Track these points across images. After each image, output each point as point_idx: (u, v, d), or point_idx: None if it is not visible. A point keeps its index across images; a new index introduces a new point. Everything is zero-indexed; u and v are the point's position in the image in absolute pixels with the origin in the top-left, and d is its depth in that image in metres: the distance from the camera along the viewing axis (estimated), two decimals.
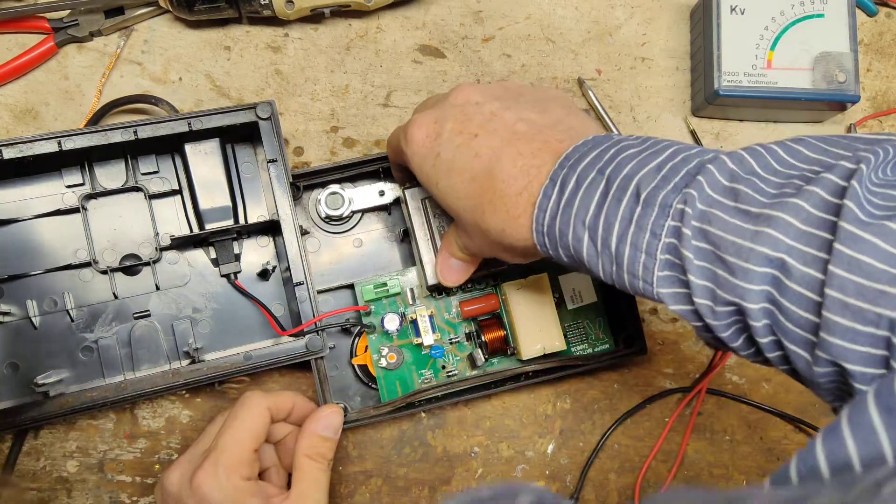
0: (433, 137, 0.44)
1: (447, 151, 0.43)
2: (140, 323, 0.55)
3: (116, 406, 0.55)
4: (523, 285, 0.54)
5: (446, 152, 0.43)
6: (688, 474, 0.58)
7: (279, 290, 0.57)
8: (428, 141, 0.44)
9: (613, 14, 0.63)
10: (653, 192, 0.36)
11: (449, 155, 0.43)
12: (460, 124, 0.43)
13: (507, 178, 0.41)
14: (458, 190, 0.43)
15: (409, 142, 0.45)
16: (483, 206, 0.42)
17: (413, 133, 0.45)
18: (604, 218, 0.37)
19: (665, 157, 0.37)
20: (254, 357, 0.51)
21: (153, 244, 0.55)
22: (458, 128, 0.43)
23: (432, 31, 0.62)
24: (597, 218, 0.37)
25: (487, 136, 0.42)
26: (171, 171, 0.56)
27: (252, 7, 0.58)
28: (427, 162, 0.44)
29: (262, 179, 0.57)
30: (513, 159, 0.41)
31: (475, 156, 0.42)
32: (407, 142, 0.45)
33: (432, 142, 0.44)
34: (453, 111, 0.44)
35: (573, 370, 0.55)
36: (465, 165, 0.43)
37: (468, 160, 0.42)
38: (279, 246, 0.55)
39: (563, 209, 0.39)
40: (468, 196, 0.43)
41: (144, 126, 0.51)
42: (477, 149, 0.42)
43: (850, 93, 0.58)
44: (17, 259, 0.54)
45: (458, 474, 0.57)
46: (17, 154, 0.50)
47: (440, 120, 0.44)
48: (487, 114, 0.43)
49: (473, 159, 0.42)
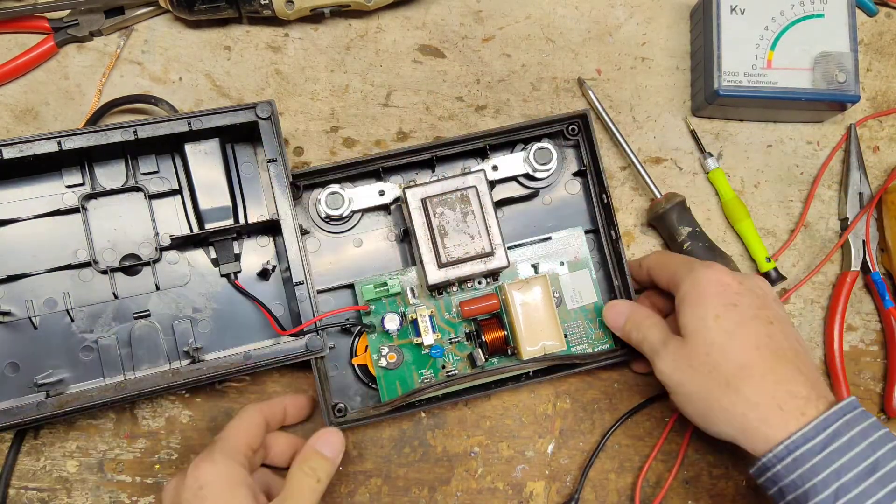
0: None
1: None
2: (140, 323, 0.55)
3: (116, 406, 0.55)
4: (523, 285, 0.54)
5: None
6: (688, 474, 0.58)
7: (279, 290, 0.57)
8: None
9: (613, 14, 0.63)
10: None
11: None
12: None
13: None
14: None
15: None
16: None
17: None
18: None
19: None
20: (254, 357, 0.51)
21: (153, 244, 0.55)
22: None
23: (432, 31, 0.62)
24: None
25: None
26: (171, 171, 0.56)
27: (252, 7, 0.58)
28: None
29: (262, 179, 0.57)
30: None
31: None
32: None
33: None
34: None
35: (573, 370, 0.55)
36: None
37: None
38: (279, 246, 0.55)
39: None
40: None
41: (144, 126, 0.51)
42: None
43: (850, 93, 0.58)
44: (16, 259, 0.54)
45: (458, 474, 0.57)
46: (17, 154, 0.50)
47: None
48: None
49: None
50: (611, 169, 0.61)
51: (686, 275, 0.49)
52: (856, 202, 0.62)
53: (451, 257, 0.52)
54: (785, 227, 0.62)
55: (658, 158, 0.62)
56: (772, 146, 0.63)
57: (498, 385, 0.55)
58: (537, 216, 0.59)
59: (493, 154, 0.58)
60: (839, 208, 0.62)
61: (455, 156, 0.58)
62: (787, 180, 0.62)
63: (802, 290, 0.61)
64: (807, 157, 0.63)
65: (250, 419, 0.50)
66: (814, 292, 0.62)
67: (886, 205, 0.60)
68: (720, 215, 0.61)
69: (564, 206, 0.59)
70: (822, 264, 0.61)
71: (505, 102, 0.62)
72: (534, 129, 0.57)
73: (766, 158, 0.62)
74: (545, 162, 0.57)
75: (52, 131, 0.52)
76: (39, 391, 0.52)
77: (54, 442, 0.56)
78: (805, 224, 0.62)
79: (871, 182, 0.62)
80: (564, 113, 0.57)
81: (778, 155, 0.63)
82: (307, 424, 0.56)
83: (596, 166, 0.57)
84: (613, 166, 0.61)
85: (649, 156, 0.62)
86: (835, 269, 0.62)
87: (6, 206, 0.54)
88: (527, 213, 0.59)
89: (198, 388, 0.56)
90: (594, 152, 0.56)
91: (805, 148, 0.63)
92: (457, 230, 0.53)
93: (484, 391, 0.55)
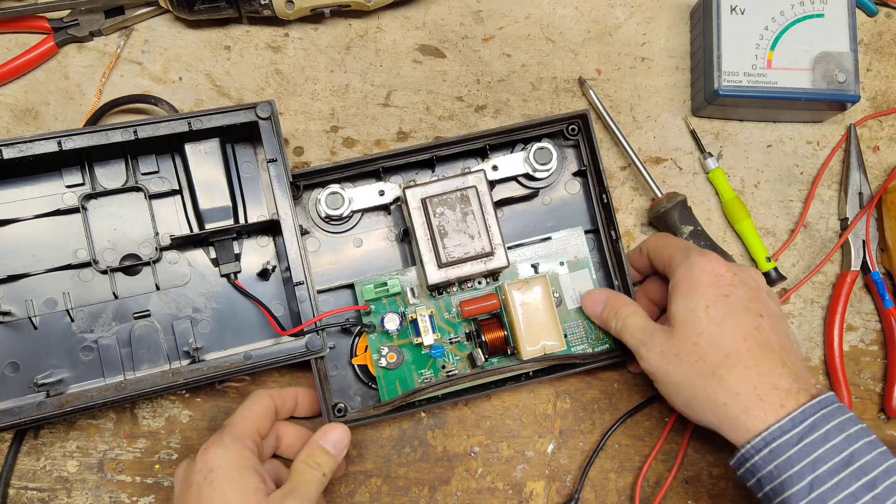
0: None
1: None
2: (140, 323, 0.55)
3: (116, 406, 0.55)
4: (523, 285, 0.54)
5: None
6: (688, 474, 0.58)
7: (279, 290, 0.57)
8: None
9: (613, 14, 0.63)
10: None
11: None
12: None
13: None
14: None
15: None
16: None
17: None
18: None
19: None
20: (254, 357, 0.51)
21: (153, 244, 0.55)
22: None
23: (432, 31, 0.62)
24: None
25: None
26: (171, 171, 0.56)
27: (252, 7, 0.58)
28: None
29: (262, 179, 0.57)
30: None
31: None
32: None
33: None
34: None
35: (573, 370, 0.55)
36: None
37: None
38: (279, 246, 0.55)
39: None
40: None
41: (144, 126, 0.51)
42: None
43: (850, 93, 0.58)
44: (16, 259, 0.54)
45: (458, 474, 0.57)
46: (17, 154, 0.50)
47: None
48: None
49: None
50: (611, 169, 0.61)
51: (681, 261, 0.50)
52: (856, 202, 0.62)
53: (451, 257, 0.52)
54: (785, 226, 0.62)
55: (658, 158, 0.62)
56: (772, 146, 0.63)
57: (498, 385, 0.55)
58: (537, 216, 0.59)
59: (493, 154, 0.58)
60: (839, 208, 0.62)
61: (455, 156, 0.58)
62: (787, 180, 0.62)
63: (802, 289, 0.61)
64: (807, 157, 0.63)
65: (260, 404, 0.50)
66: (814, 292, 0.62)
67: (886, 205, 0.60)
68: (720, 215, 0.61)
69: (564, 206, 0.59)
70: (822, 264, 0.61)
71: (505, 102, 0.62)
72: (534, 129, 0.57)
73: (765, 158, 0.62)
74: (545, 162, 0.57)
75: (53, 131, 0.52)
76: (39, 391, 0.52)
77: (54, 442, 0.56)
78: (805, 224, 0.62)
79: (871, 182, 0.62)
80: (564, 113, 0.57)
81: (778, 155, 0.63)
82: (318, 419, 0.56)
83: (596, 166, 0.57)
84: (613, 166, 0.61)
85: (649, 156, 0.62)
86: (835, 269, 0.62)
87: (6, 206, 0.54)
88: (527, 213, 0.59)
89: (198, 388, 0.56)
90: (594, 152, 0.56)
91: (805, 148, 0.63)
92: (457, 230, 0.53)
93: (484, 391, 0.55)
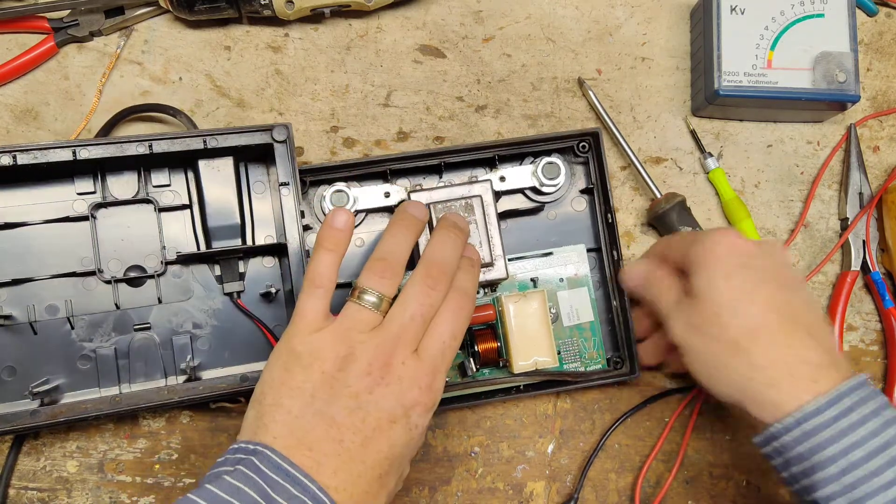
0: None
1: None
2: (139, 335, 0.55)
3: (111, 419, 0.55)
4: (520, 298, 0.54)
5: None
6: (688, 474, 0.58)
7: (281, 313, 0.56)
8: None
9: (613, 14, 0.63)
10: None
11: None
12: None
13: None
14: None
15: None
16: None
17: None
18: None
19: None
20: (250, 378, 0.51)
21: (159, 257, 0.55)
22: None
23: (432, 31, 0.62)
24: None
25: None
26: (183, 186, 0.56)
27: (252, 7, 0.58)
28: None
29: (272, 199, 0.56)
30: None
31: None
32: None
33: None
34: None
35: (563, 387, 0.55)
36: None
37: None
38: (284, 267, 0.55)
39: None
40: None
41: (160, 141, 0.51)
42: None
43: (850, 92, 0.58)
44: (22, 263, 0.54)
45: (458, 474, 0.57)
46: (31, 160, 0.49)
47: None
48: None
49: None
50: (611, 169, 0.61)
51: (696, 240, 0.48)
52: (856, 202, 0.62)
53: None
54: (785, 226, 0.62)
55: (658, 158, 0.62)
56: (772, 146, 0.63)
57: (488, 396, 0.55)
58: (541, 230, 0.59)
59: (501, 165, 0.57)
60: (839, 208, 0.62)
61: (464, 163, 0.57)
62: (787, 180, 0.62)
63: None
64: (807, 156, 0.63)
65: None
66: (814, 292, 0.62)
67: (886, 205, 0.60)
68: (720, 215, 0.61)
69: (569, 223, 0.59)
70: (823, 264, 0.61)
71: (505, 102, 0.62)
72: (544, 143, 0.57)
73: (766, 158, 0.63)
74: (553, 177, 0.56)
75: (69, 140, 0.52)
76: (34, 399, 0.51)
77: (54, 442, 0.56)
78: (805, 224, 0.62)
79: (871, 182, 0.62)
80: (576, 129, 0.57)
81: (778, 155, 0.63)
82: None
83: (604, 185, 0.56)
84: (614, 166, 0.61)
85: (649, 156, 0.62)
86: (835, 269, 0.62)
87: (16, 209, 0.54)
88: (530, 227, 0.59)
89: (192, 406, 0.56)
90: (603, 171, 0.56)
91: (805, 148, 0.63)
92: None
93: (472, 401, 0.55)
